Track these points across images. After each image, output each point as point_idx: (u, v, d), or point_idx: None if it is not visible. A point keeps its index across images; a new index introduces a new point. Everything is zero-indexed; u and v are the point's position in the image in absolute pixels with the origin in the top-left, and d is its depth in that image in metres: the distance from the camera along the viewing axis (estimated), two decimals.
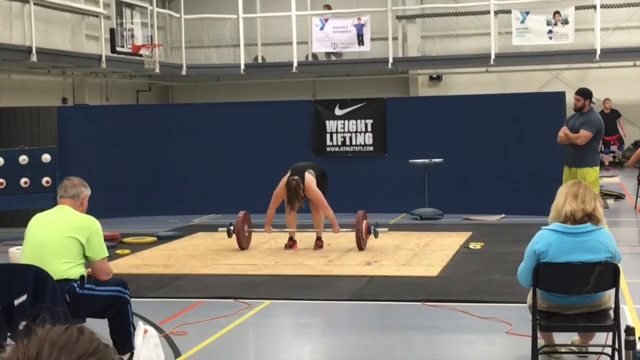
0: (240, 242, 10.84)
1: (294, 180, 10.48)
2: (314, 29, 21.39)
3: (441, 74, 24.14)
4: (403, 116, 14.34)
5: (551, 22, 20.24)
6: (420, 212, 13.59)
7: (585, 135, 10.69)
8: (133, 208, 14.56)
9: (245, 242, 10.93)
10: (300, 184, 10.49)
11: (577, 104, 10.94)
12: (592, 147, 10.79)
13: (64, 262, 5.65)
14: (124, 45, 17.81)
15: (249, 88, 24.11)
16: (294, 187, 10.46)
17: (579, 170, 10.74)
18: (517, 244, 10.33)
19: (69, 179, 6.03)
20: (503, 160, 13.73)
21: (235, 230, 10.79)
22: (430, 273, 9.12)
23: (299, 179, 10.51)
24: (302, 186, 10.52)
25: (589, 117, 10.80)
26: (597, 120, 10.81)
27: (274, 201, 10.80)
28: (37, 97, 18.48)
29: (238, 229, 10.77)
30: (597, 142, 11.01)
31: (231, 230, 10.84)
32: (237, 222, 10.81)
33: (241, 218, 10.87)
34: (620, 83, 21.75)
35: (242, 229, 10.82)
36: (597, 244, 5.22)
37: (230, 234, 10.84)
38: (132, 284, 6.81)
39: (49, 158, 12.57)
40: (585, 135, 10.69)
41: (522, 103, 14.19)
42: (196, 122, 14.94)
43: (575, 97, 10.98)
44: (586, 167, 10.73)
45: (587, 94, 10.93)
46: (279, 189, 10.73)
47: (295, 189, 10.46)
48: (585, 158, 10.74)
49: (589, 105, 10.89)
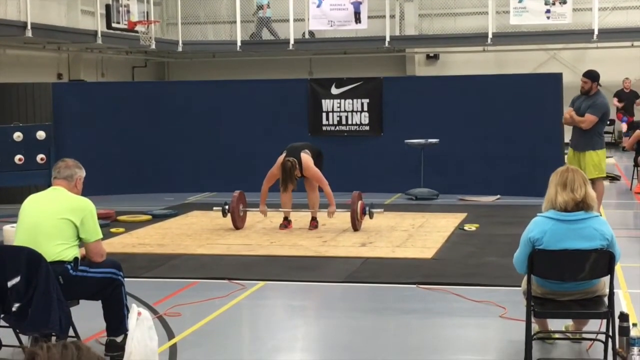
0: (235, 222, 10.82)
1: (290, 161, 10.44)
2: (311, 6, 21.31)
3: (438, 52, 24.08)
4: (399, 96, 14.30)
5: (549, 1, 20.18)
6: (416, 192, 13.58)
7: (590, 119, 10.57)
8: (128, 185, 14.53)
9: (240, 221, 10.91)
10: (296, 165, 10.46)
11: (584, 87, 10.75)
12: (596, 131, 10.67)
13: (57, 243, 5.62)
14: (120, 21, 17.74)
15: (245, 65, 24.02)
16: (289, 168, 10.43)
17: (582, 154, 10.66)
18: (512, 225, 10.35)
19: (63, 160, 5.99)
20: (499, 141, 13.71)
21: (230, 210, 10.77)
22: (425, 255, 9.12)
23: (294, 160, 10.47)
24: (299, 167, 10.48)
25: (595, 101, 10.65)
26: (603, 104, 10.67)
27: (267, 179, 10.77)
28: (32, 72, 18.40)
29: (233, 208, 10.75)
30: (602, 126, 10.90)
31: (226, 210, 10.82)
32: (232, 201, 10.79)
33: (236, 197, 10.84)
34: (618, 63, 21.70)
35: (237, 208, 10.80)
36: (593, 232, 5.21)
37: (225, 213, 10.83)
38: (126, 263, 6.81)
39: (43, 135, 12.52)
40: (590, 120, 10.57)
41: (519, 84, 14.14)
42: (192, 100, 14.89)
43: (583, 79, 10.80)
44: (589, 150, 10.63)
45: (595, 76, 10.74)
46: (274, 168, 10.70)
47: (290, 170, 10.42)
48: (589, 142, 10.63)
49: (596, 87, 10.74)
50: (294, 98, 14.58)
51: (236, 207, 10.80)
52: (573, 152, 10.84)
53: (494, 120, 13.74)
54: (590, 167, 10.57)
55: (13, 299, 5.32)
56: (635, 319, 6.07)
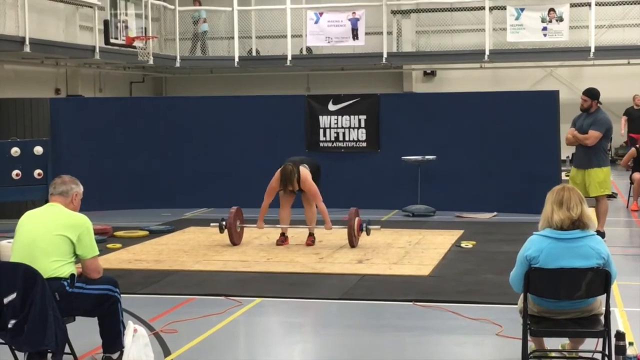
0: (232, 238, 10.82)
1: (290, 165, 10.52)
2: (308, 22, 21.38)
3: (435, 69, 24.14)
4: (397, 113, 14.33)
5: (546, 19, 20.27)
6: (413, 209, 13.58)
7: (594, 135, 10.54)
8: (125, 201, 14.53)
9: (237, 237, 10.91)
10: (296, 170, 10.50)
11: (583, 105, 10.73)
12: (601, 147, 10.64)
13: (54, 260, 5.62)
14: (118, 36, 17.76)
15: (242, 81, 24.08)
16: (290, 171, 10.48)
17: (587, 171, 10.64)
18: (508, 243, 10.36)
19: (60, 176, 6.00)
20: (496, 158, 13.72)
21: (227, 226, 10.77)
22: (422, 272, 9.12)
23: (294, 165, 10.55)
24: (298, 175, 10.51)
25: (597, 117, 10.63)
26: (605, 120, 10.65)
27: (268, 193, 10.78)
28: (30, 87, 18.43)
29: (230, 224, 10.75)
30: (607, 142, 10.88)
31: (223, 226, 10.82)
32: (229, 217, 10.79)
33: (233, 213, 10.84)
34: (615, 81, 21.76)
35: (233, 224, 10.80)
36: (589, 250, 5.22)
37: (222, 229, 10.83)
38: (122, 279, 6.81)
39: (41, 150, 12.51)
40: (594, 136, 10.54)
41: (516, 101, 14.17)
42: (189, 116, 14.90)
43: (583, 97, 10.77)
44: (594, 167, 10.60)
45: (594, 94, 10.71)
46: (273, 180, 10.73)
47: (290, 172, 10.48)
48: (593, 159, 10.60)
49: (596, 105, 10.71)
50: (291, 114, 14.61)
51: (233, 223, 10.80)
52: (576, 171, 10.79)
53: (491, 137, 13.76)
54: (595, 184, 10.56)
55: (9, 315, 5.32)
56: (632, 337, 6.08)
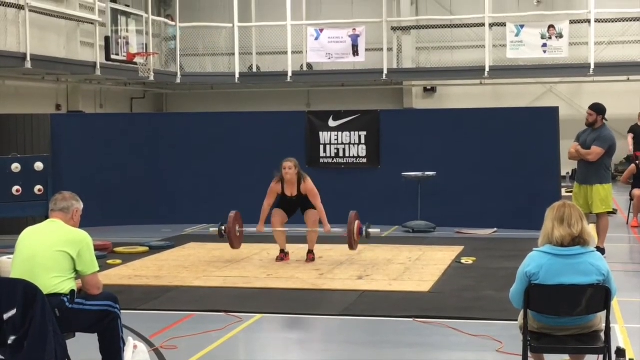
0: (231, 242, 10.82)
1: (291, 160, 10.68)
2: (309, 38, 21.45)
3: (435, 85, 24.19)
4: (397, 129, 14.35)
5: (546, 35, 20.32)
6: (413, 225, 13.59)
7: (597, 151, 10.55)
8: (125, 216, 14.53)
9: (236, 242, 10.90)
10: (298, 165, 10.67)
11: (589, 119, 10.76)
12: (603, 164, 10.65)
13: (54, 276, 5.62)
14: (119, 53, 17.80)
15: (243, 97, 24.13)
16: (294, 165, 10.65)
17: (589, 188, 10.64)
18: (509, 259, 10.36)
19: (60, 192, 6.01)
20: (496, 174, 13.73)
21: (227, 230, 10.77)
22: (422, 288, 9.11)
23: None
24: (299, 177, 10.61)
25: (601, 133, 10.65)
26: (609, 137, 10.66)
27: (268, 195, 10.81)
28: (30, 103, 18.46)
29: (229, 228, 10.75)
30: (609, 159, 10.87)
31: (222, 230, 10.81)
32: (229, 222, 10.79)
33: (232, 218, 10.84)
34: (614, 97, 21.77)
35: (233, 228, 10.80)
36: (589, 267, 5.22)
37: (221, 233, 10.82)
38: (122, 295, 6.80)
39: (41, 166, 12.54)
40: (597, 152, 10.55)
41: (516, 117, 14.21)
42: (190, 131, 14.94)
43: (589, 112, 10.80)
44: (596, 184, 10.61)
45: (600, 109, 10.74)
46: (273, 183, 10.76)
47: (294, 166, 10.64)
48: (595, 175, 10.60)
49: (602, 121, 10.73)
50: (292, 130, 14.63)
51: (232, 227, 10.79)
52: (579, 187, 10.80)
53: (491, 153, 13.78)
54: (598, 201, 10.56)
55: (9, 331, 5.31)
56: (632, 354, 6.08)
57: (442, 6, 23.80)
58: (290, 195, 10.75)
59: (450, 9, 23.69)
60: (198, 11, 24.10)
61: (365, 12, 23.01)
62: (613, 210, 15.18)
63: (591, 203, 10.54)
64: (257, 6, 23.52)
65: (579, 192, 10.75)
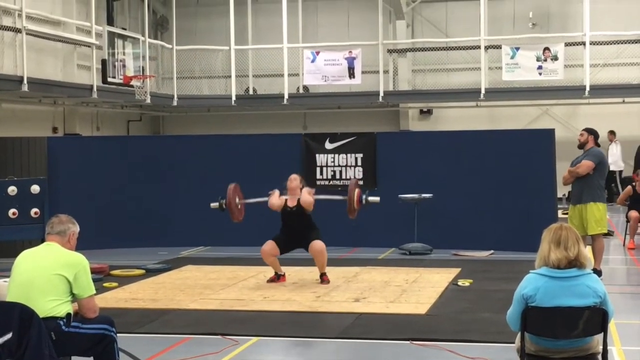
0: (233, 214, 10.80)
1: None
2: (305, 61, 21.53)
3: (431, 107, 24.24)
4: (393, 151, 14.37)
5: (541, 58, 20.41)
6: (410, 247, 13.58)
7: (586, 164, 10.60)
8: (122, 239, 14.51)
9: (237, 214, 10.88)
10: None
11: (580, 139, 10.91)
12: (595, 183, 10.68)
13: (50, 299, 5.61)
14: (116, 75, 17.85)
15: (239, 119, 24.16)
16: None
17: (583, 206, 10.66)
18: (506, 281, 10.34)
19: (57, 216, 6.02)
20: (492, 196, 13.74)
21: (227, 203, 10.73)
22: (419, 311, 9.10)
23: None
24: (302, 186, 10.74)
25: (589, 152, 10.78)
26: (598, 153, 10.76)
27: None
28: (27, 126, 18.47)
29: (229, 201, 10.72)
30: (601, 178, 10.88)
31: (223, 204, 10.78)
32: (228, 194, 10.76)
33: (231, 190, 10.83)
34: (610, 119, 21.88)
35: (233, 199, 10.78)
36: (586, 289, 5.22)
37: (222, 207, 10.78)
38: (119, 318, 6.78)
39: (37, 189, 12.54)
40: (586, 164, 10.60)
41: (512, 139, 14.24)
42: (186, 154, 14.95)
43: (581, 132, 11.00)
44: (590, 202, 10.63)
45: (593, 131, 10.91)
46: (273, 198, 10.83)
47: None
48: (588, 192, 10.61)
49: (592, 142, 10.84)
50: (288, 152, 14.64)
51: (232, 198, 10.76)
52: (574, 208, 10.82)
53: (487, 175, 13.80)
54: (593, 222, 10.57)
55: (5, 355, 5.29)
56: None
57: (437, 29, 23.90)
58: (291, 206, 10.75)
59: (445, 32, 23.80)
60: (195, 34, 24.18)
61: (361, 35, 23.11)
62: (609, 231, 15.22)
63: (586, 225, 10.55)
64: (254, 29, 23.64)
65: (573, 214, 10.77)
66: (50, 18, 18.64)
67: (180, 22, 23.04)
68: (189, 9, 24.45)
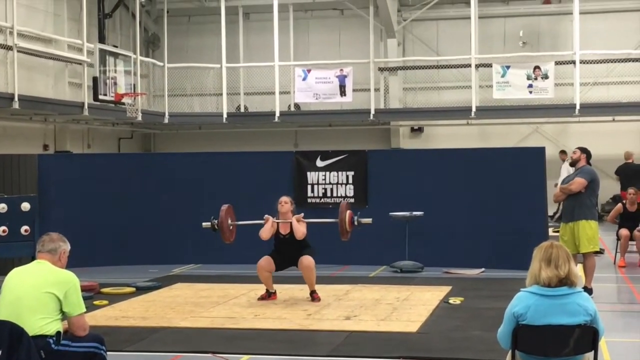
0: (224, 236, 10.81)
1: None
2: (296, 79, 21.59)
3: (423, 125, 24.30)
4: (384, 168, 14.39)
5: (531, 76, 20.51)
6: (401, 264, 13.57)
7: (579, 181, 10.64)
8: (112, 257, 14.46)
9: (229, 235, 10.89)
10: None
11: (573, 156, 11.01)
12: (587, 201, 10.72)
13: (40, 317, 5.59)
14: (107, 93, 17.87)
15: (231, 137, 24.17)
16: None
17: (575, 224, 10.68)
18: (497, 299, 10.33)
19: (47, 234, 6.01)
20: (483, 213, 13.76)
21: (219, 223, 10.73)
22: (410, 329, 9.09)
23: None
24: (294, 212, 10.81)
25: (582, 169, 10.82)
26: (591, 171, 10.80)
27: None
28: (18, 143, 18.45)
29: (221, 221, 10.73)
30: (593, 195, 10.92)
31: (215, 224, 10.78)
32: (220, 215, 10.77)
33: (224, 211, 10.83)
34: (600, 137, 21.95)
35: (225, 221, 10.78)
36: (576, 307, 5.22)
37: (214, 227, 10.78)
38: (109, 336, 6.75)
39: (28, 207, 12.51)
40: (579, 182, 10.63)
41: (502, 157, 14.28)
42: (177, 172, 14.93)
43: (574, 150, 11.06)
44: (582, 219, 10.66)
45: (586, 150, 10.97)
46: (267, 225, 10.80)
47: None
48: (580, 210, 10.65)
49: (585, 161, 10.88)
50: (280, 170, 14.64)
51: (225, 220, 10.76)
52: (565, 226, 10.84)
53: (478, 193, 13.81)
54: (585, 240, 10.58)
55: None
56: None
57: (428, 47, 24.00)
58: (284, 234, 10.76)
59: (436, 50, 23.90)
60: (186, 52, 24.23)
61: (352, 53, 23.18)
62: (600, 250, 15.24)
63: (578, 243, 10.56)
64: (245, 47, 23.69)
65: (564, 231, 10.79)
66: (42, 35, 18.66)
67: (171, 40, 23.10)
68: (180, 27, 24.52)
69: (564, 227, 10.88)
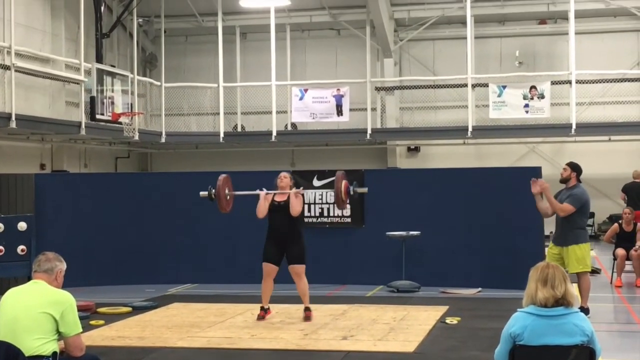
0: (221, 205, 10.80)
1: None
2: (293, 98, 21.66)
3: (419, 145, 24.35)
4: (381, 188, 14.39)
5: (527, 96, 20.59)
6: (397, 284, 13.56)
7: (567, 208, 10.63)
8: (109, 276, 14.43)
9: (226, 204, 10.89)
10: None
11: (563, 174, 10.93)
12: (577, 224, 10.71)
13: (36, 338, 5.58)
14: (104, 112, 17.91)
15: (228, 156, 24.20)
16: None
17: (565, 249, 10.69)
18: (493, 319, 10.33)
19: (44, 253, 6.00)
20: (480, 233, 13.76)
21: (216, 193, 10.72)
22: (407, 349, 9.07)
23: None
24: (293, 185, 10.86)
25: (573, 192, 10.75)
26: (581, 195, 10.73)
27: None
28: (15, 163, 18.46)
29: (218, 191, 10.71)
30: (583, 218, 10.91)
31: (212, 194, 10.77)
32: (218, 185, 10.75)
33: (221, 181, 10.83)
34: (596, 157, 22.01)
35: (222, 191, 10.77)
36: (573, 327, 5.22)
37: (211, 197, 10.77)
38: (105, 357, 6.74)
39: (24, 226, 12.48)
40: (567, 209, 10.63)
41: (499, 176, 14.28)
42: (174, 191, 14.92)
43: (564, 167, 11.00)
44: (572, 244, 10.65)
45: (576, 166, 10.91)
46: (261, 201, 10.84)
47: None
48: (571, 235, 10.63)
49: (575, 179, 10.86)
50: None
51: (222, 189, 10.75)
52: (553, 246, 10.84)
53: (475, 213, 13.82)
54: (574, 261, 10.57)
55: None
56: None
57: (425, 67, 24.09)
58: (279, 201, 10.77)
59: (433, 70, 23.98)
60: (183, 72, 24.32)
61: (349, 73, 23.26)
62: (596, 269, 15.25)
63: (567, 264, 10.53)
64: (242, 66, 23.76)
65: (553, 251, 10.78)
66: (40, 55, 18.71)
67: (169, 60, 23.17)
68: (177, 47, 24.60)
69: (552, 246, 10.89)
